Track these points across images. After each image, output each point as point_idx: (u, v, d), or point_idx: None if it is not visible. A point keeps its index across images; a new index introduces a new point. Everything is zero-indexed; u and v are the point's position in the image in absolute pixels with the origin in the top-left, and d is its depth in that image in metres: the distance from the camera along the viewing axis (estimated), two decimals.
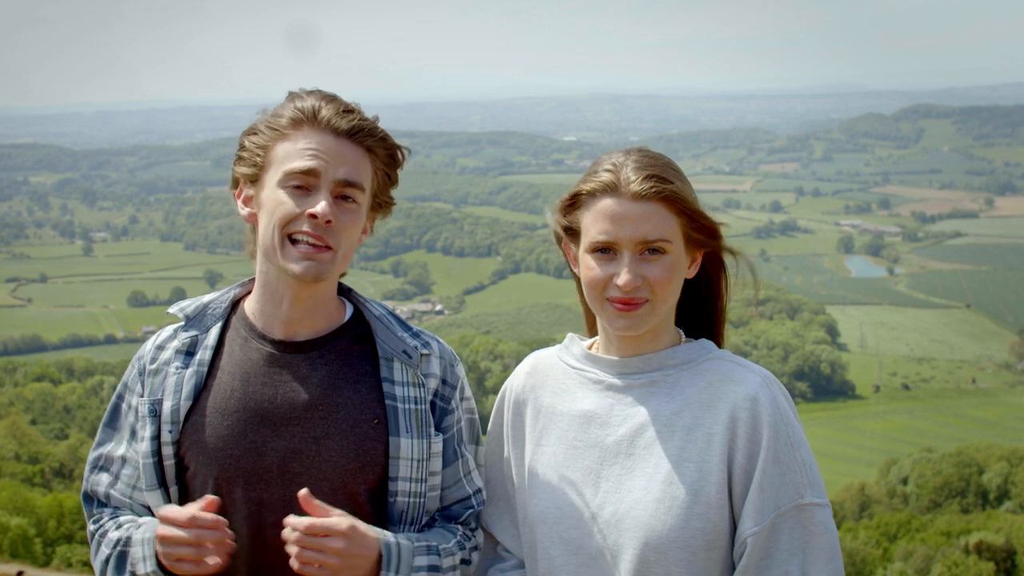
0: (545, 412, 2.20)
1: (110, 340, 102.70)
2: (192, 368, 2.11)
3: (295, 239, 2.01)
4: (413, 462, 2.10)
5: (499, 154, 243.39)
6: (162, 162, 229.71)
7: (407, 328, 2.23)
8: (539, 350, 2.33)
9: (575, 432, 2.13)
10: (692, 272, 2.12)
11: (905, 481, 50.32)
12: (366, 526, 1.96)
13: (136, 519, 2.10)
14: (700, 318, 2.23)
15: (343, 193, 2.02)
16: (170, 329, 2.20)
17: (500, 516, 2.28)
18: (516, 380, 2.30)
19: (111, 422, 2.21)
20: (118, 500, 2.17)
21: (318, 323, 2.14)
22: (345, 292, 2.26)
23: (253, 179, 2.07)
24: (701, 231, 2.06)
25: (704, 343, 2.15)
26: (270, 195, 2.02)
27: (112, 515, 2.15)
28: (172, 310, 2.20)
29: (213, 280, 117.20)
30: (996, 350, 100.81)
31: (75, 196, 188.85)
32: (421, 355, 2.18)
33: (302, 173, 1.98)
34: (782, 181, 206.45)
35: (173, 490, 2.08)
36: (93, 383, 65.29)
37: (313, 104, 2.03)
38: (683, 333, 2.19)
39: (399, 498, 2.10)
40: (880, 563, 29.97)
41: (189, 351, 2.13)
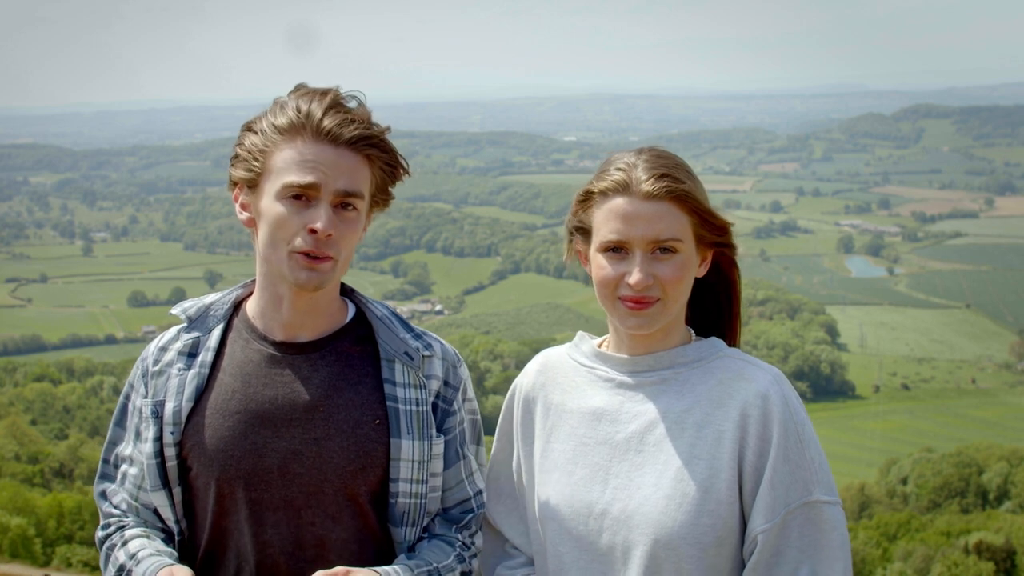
0: (555, 409, 2.21)
1: (110, 340, 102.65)
2: (194, 370, 2.11)
3: (296, 251, 2.01)
4: (414, 463, 2.11)
5: (499, 154, 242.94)
6: (162, 162, 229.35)
7: (410, 329, 2.23)
8: (549, 348, 2.34)
9: (585, 429, 2.14)
10: (703, 271, 2.14)
11: (905, 481, 50.28)
12: (362, 570, 1.95)
13: (142, 545, 2.09)
14: (710, 316, 2.25)
15: (343, 202, 2.01)
16: (173, 330, 2.20)
17: (508, 513, 2.29)
18: (526, 378, 2.30)
19: (120, 421, 2.22)
20: (125, 500, 2.18)
21: (319, 324, 2.14)
22: (348, 293, 2.25)
23: (250, 184, 2.06)
24: (712, 230, 2.09)
25: (714, 341, 2.15)
26: (269, 206, 2.01)
27: (119, 526, 2.15)
28: (174, 311, 2.20)
29: (213, 280, 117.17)
30: (996, 350, 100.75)
31: (75, 196, 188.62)
32: (423, 356, 2.18)
33: (301, 187, 1.99)
34: (782, 181, 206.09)
35: (177, 491, 2.09)
36: (93, 383, 65.33)
37: (313, 111, 2.00)
38: (693, 332, 2.20)
39: (400, 499, 2.10)
40: (880, 563, 29.95)
41: (191, 352, 2.14)
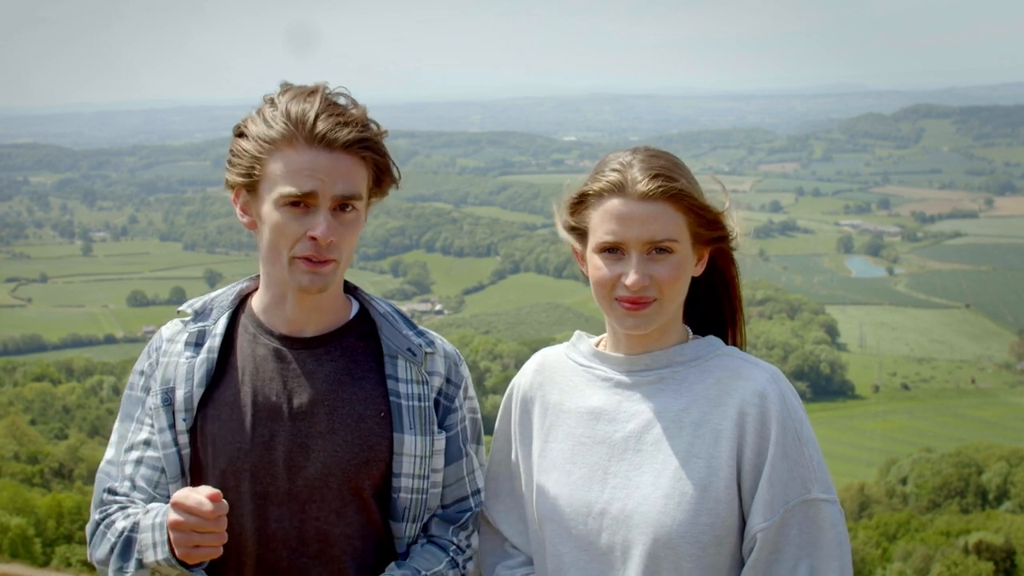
0: (553, 409, 2.21)
1: (110, 340, 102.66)
2: (202, 356, 2.14)
3: (298, 256, 2.03)
4: (416, 458, 2.13)
5: (499, 154, 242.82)
6: (162, 162, 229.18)
7: (412, 326, 2.25)
8: (546, 348, 2.33)
9: (583, 428, 2.14)
10: (699, 270, 2.13)
11: (904, 481, 50.31)
12: None
13: (145, 507, 2.06)
14: (710, 315, 2.24)
15: (341, 204, 2.03)
16: (179, 323, 2.22)
17: (507, 512, 2.29)
18: (524, 378, 2.30)
19: (129, 413, 2.21)
20: (130, 491, 2.14)
21: (324, 320, 2.17)
22: (352, 290, 2.27)
23: (249, 188, 2.07)
24: (709, 228, 2.08)
25: (712, 340, 2.15)
26: (269, 213, 2.03)
27: (121, 505, 2.13)
28: (183, 308, 2.23)
29: (213, 280, 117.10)
30: (996, 350, 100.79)
31: (75, 196, 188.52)
32: (425, 353, 2.21)
33: (299, 196, 2.00)
34: (782, 181, 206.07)
35: (183, 482, 2.10)
36: (93, 383, 65.29)
37: (306, 115, 2.00)
38: (690, 330, 2.19)
39: (402, 494, 2.13)
40: (879, 563, 29.96)
41: (198, 342, 2.16)
